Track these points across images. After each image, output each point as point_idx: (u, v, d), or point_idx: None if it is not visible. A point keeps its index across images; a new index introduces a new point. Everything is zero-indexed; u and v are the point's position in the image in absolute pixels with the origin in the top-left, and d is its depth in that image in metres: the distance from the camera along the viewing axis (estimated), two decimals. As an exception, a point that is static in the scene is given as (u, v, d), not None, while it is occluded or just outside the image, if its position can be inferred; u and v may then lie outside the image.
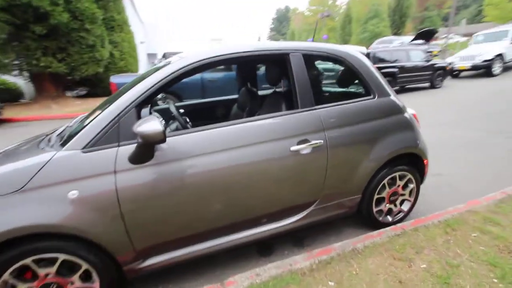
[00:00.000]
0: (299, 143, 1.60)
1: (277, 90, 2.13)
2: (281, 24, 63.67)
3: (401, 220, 2.11)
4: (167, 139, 1.33)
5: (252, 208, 1.61)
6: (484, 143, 3.90)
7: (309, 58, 1.73)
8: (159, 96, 2.91)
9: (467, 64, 9.74)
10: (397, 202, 2.07)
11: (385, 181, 1.94)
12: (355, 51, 1.88)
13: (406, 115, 1.98)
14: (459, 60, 10.03)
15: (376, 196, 1.95)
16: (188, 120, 2.17)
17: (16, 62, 8.15)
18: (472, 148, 3.77)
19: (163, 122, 2.06)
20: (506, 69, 9.82)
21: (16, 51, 7.79)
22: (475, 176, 2.95)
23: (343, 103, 1.78)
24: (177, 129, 1.93)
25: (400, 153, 1.90)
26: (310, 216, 1.76)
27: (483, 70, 9.62)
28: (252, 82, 2.67)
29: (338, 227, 2.17)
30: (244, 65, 2.61)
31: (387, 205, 2.03)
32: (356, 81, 2.02)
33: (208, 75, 6.68)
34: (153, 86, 1.41)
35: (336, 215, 1.88)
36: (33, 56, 7.82)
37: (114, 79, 6.12)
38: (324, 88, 2.34)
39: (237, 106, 2.74)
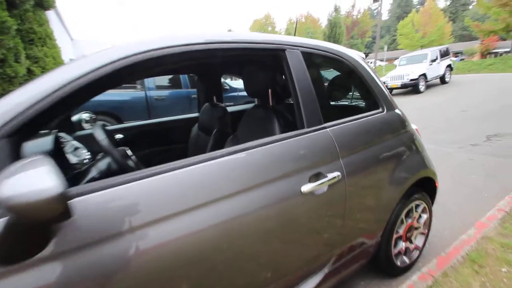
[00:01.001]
0: (311, 179, 1.08)
1: (259, 103, 1.61)
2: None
3: (417, 259, 1.72)
4: (85, 199, 0.67)
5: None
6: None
7: (309, 58, 1.26)
8: (85, 116, 2.11)
9: (398, 83, 10.86)
10: (413, 238, 1.68)
11: (403, 214, 1.53)
12: (357, 55, 1.49)
13: (412, 130, 1.65)
14: (390, 79, 11.14)
15: (395, 235, 1.52)
16: (129, 152, 1.48)
17: None
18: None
19: (86, 159, 1.35)
20: (428, 86, 11.24)
21: None
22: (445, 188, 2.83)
23: (355, 118, 1.34)
24: (108, 171, 1.16)
25: (420, 177, 1.53)
26: (324, 284, 1.21)
27: (411, 88, 10.81)
28: (218, 96, 2.10)
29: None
30: (209, 70, 2.04)
31: (404, 243, 1.62)
32: (358, 91, 1.63)
33: (154, 92, 5.85)
34: (43, 99, 0.72)
35: (352, 272, 1.37)
36: None
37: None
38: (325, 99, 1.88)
39: (199, 127, 2.12)
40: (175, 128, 2.28)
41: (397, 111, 1.58)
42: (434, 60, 11.14)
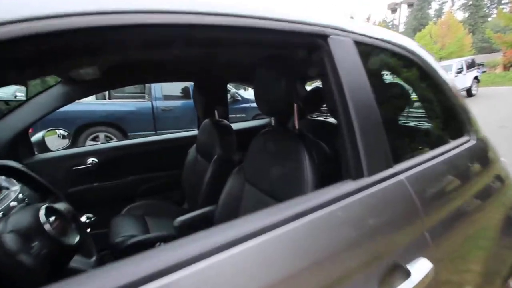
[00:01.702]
0: (384, 281, 0.55)
1: (277, 123, 1.11)
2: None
3: None
4: None
5: None
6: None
7: (368, 53, 0.75)
8: (61, 132, 1.68)
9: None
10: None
11: None
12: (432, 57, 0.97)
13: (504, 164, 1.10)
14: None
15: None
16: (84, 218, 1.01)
17: None
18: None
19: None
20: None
21: None
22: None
23: (437, 154, 0.81)
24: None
25: None
26: None
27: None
28: (222, 110, 1.63)
29: None
30: (210, 75, 1.57)
31: None
32: (430, 110, 1.09)
33: (160, 103, 5.47)
34: None
35: None
36: None
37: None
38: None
39: (197, 150, 1.64)
40: (167, 149, 1.81)
41: (482, 137, 1.05)
42: (459, 72, 10.42)
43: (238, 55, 1.26)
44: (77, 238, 0.67)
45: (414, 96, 1.06)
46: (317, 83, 2.56)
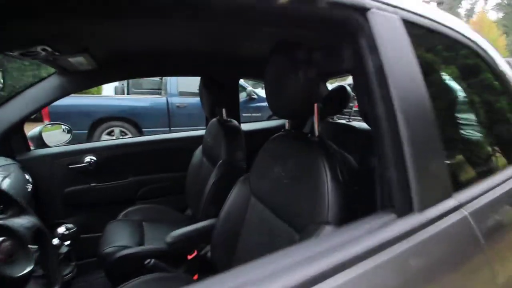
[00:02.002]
0: None
1: (291, 127, 0.92)
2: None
3: None
4: None
5: None
6: None
7: (420, 36, 0.55)
8: (62, 127, 1.58)
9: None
10: None
11: None
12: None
13: None
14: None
15: None
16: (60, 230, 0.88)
17: None
18: None
19: None
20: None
21: None
22: None
23: (504, 179, 0.60)
24: None
25: None
26: None
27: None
28: (232, 108, 1.46)
29: None
30: (218, 69, 1.42)
31: None
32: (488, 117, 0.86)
33: (176, 99, 5.40)
34: None
35: None
36: None
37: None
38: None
39: (203, 151, 1.49)
40: (172, 149, 1.67)
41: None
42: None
43: (252, 42, 1.08)
44: (27, 268, 0.52)
45: (467, 99, 0.84)
46: (341, 82, 2.33)
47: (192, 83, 5.59)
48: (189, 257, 1.11)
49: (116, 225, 1.30)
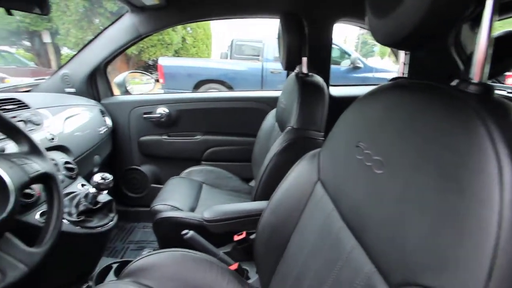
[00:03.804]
0: None
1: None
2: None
3: None
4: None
5: None
6: None
7: None
8: (144, 77, 1.60)
9: None
10: None
11: None
12: None
13: None
14: None
15: None
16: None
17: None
18: None
19: None
20: None
21: (92, 28, 7.92)
22: None
23: None
24: None
25: None
26: None
27: None
28: (321, 62, 1.08)
29: None
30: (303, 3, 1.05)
31: None
32: None
33: (271, 64, 5.23)
34: None
35: None
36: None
37: (163, 61, 5.24)
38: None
39: (276, 114, 1.20)
40: (247, 110, 1.45)
41: None
42: None
43: None
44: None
45: None
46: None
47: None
48: (236, 237, 0.91)
49: (176, 182, 1.23)
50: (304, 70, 0.98)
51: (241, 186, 1.36)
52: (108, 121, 1.33)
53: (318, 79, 0.96)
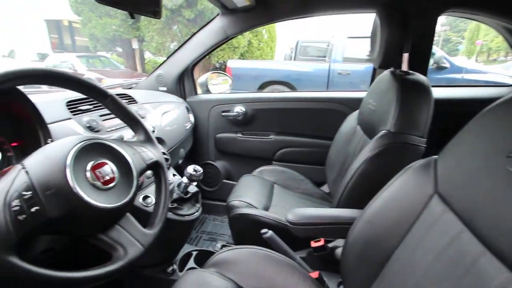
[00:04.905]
0: None
1: None
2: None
3: None
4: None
5: None
6: None
7: None
8: (222, 78, 1.68)
9: None
10: None
11: None
12: None
13: None
14: None
15: None
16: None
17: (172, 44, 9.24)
18: None
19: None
20: None
21: (171, 34, 8.82)
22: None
23: None
24: None
25: None
26: None
27: None
28: (421, 59, 0.96)
29: None
30: None
31: None
32: None
33: (338, 66, 5.01)
34: None
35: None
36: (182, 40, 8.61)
37: (231, 63, 5.51)
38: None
39: (359, 118, 1.11)
40: (323, 111, 1.39)
41: None
42: None
43: None
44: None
45: None
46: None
47: (360, 48, 4.93)
48: (313, 244, 0.86)
49: (249, 180, 1.25)
50: (405, 67, 0.87)
51: (312, 190, 1.31)
52: (192, 118, 1.43)
53: (422, 78, 0.84)
